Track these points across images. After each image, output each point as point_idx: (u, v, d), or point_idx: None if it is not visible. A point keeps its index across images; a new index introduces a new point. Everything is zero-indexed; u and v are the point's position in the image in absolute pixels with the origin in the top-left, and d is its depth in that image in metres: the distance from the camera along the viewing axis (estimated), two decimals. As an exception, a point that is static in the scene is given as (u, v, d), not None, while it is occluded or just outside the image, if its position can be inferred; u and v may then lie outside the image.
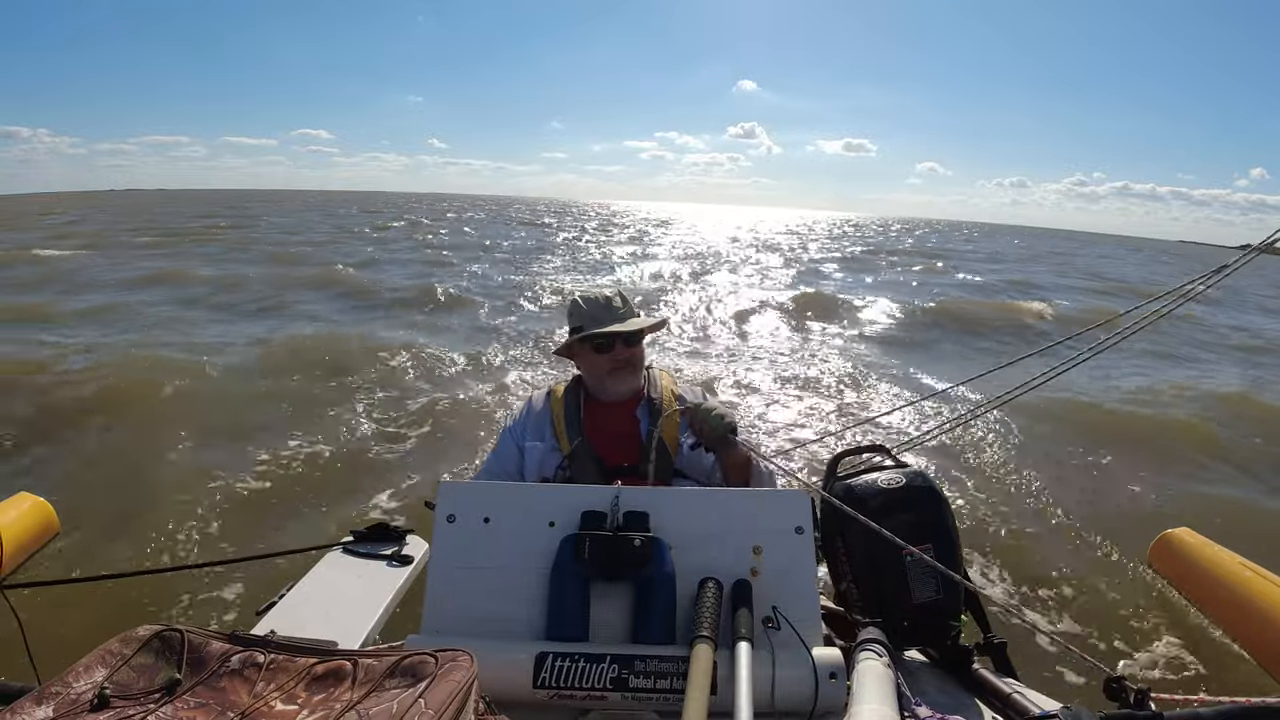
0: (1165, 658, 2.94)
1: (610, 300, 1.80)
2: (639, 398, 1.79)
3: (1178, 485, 4.98)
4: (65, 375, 6.59)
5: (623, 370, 1.76)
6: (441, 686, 0.74)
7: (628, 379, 1.77)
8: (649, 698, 1.02)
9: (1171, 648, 3.00)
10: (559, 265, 18.70)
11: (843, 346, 9.55)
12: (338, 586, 1.64)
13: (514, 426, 1.82)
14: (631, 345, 1.77)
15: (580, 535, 1.15)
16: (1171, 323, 11.92)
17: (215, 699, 0.77)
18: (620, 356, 1.75)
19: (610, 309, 1.78)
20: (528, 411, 1.84)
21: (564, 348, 1.85)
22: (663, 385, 1.82)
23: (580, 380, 1.86)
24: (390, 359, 7.60)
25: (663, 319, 1.91)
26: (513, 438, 1.81)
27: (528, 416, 1.82)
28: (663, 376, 1.87)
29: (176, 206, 55.16)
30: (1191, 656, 2.94)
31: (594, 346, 1.77)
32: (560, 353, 1.88)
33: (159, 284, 12.67)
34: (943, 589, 1.37)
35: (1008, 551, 3.78)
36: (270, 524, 3.92)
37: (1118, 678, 1.05)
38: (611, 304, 1.79)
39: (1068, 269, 26.68)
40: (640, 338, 1.80)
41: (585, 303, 1.80)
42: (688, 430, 1.75)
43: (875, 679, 1.01)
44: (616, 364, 1.76)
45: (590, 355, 1.78)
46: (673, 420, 1.74)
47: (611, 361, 1.75)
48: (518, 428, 1.82)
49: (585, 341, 1.77)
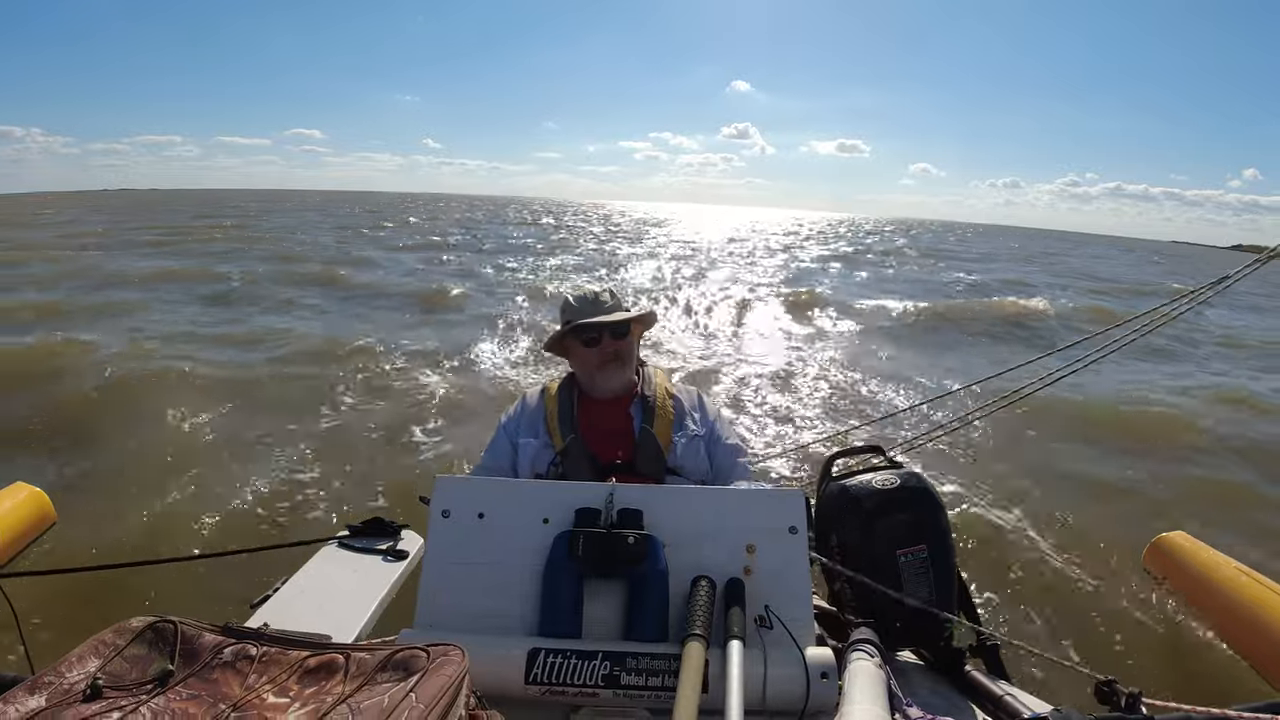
0: (1157, 661, 2.94)
1: (599, 295, 1.81)
2: (633, 395, 1.80)
3: (1173, 487, 4.99)
4: (66, 369, 6.60)
5: (611, 364, 1.77)
6: (433, 681, 0.74)
7: (616, 373, 1.78)
8: (640, 695, 1.02)
9: (1164, 651, 3.00)
10: (564, 264, 18.69)
11: (840, 346, 9.53)
12: (332, 580, 1.65)
13: (509, 423, 1.83)
14: (619, 338, 1.77)
15: (574, 532, 1.15)
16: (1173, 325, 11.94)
17: (207, 690, 0.77)
18: (608, 349, 1.76)
19: (598, 304, 1.79)
20: (522, 408, 1.84)
21: (553, 343, 1.86)
22: (657, 383, 1.83)
23: (574, 377, 1.86)
24: (391, 355, 7.61)
25: (650, 311, 1.91)
26: (507, 434, 1.81)
27: (522, 413, 1.83)
28: (657, 375, 1.87)
29: (176, 206, 55.26)
30: (1184, 660, 2.94)
31: (583, 341, 1.77)
32: (550, 348, 1.88)
33: (169, 281, 12.66)
34: (936, 590, 1.37)
35: (1001, 553, 3.79)
36: (266, 517, 3.93)
37: (1109, 681, 1.05)
38: (599, 299, 1.80)
39: (1061, 269, 26.62)
40: (627, 329, 1.80)
41: (575, 299, 1.82)
42: (681, 428, 1.76)
43: (867, 679, 1.01)
44: (605, 357, 1.76)
45: (580, 350, 1.79)
46: (666, 418, 1.74)
47: (600, 355, 1.76)
48: (512, 424, 1.82)
49: (574, 335, 1.78)
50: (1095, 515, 4.34)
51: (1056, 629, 3.14)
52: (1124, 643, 3.07)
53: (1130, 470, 5.28)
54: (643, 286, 14.72)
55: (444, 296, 11.98)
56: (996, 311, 12.87)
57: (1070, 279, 21.86)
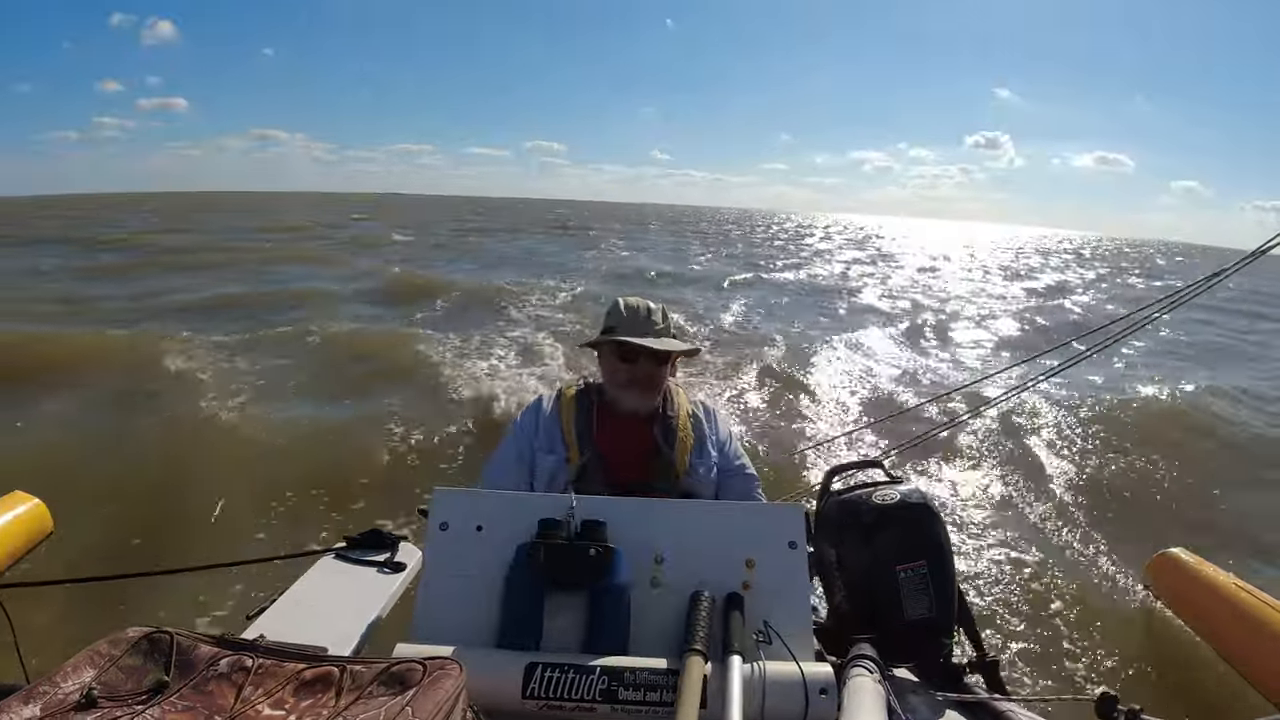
0: (1157, 677, 2.93)
1: (651, 312, 1.75)
2: (655, 415, 1.75)
3: (1176, 498, 4.98)
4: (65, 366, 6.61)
5: (638, 386, 1.71)
6: (429, 695, 0.74)
7: (640, 397, 1.72)
8: (638, 710, 1.01)
9: (1164, 667, 2.99)
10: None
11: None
12: (329, 592, 1.64)
13: (520, 433, 1.77)
14: (658, 364, 1.72)
15: (535, 543, 1.14)
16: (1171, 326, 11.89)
17: (202, 702, 0.76)
18: (641, 372, 1.71)
19: (647, 321, 1.73)
20: (537, 417, 1.77)
21: (593, 342, 1.80)
22: (679, 403, 1.79)
23: (593, 387, 1.81)
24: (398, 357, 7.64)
25: (695, 347, 1.84)
26: (518, 444, 1.75)
27: (537, 423, 1.76)
28: (679, 394, 1.82)
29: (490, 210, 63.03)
30: (1184, 676, 2.93)
31: (620, 354, 1.73)
32: (587, 345, 1.84)
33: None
34: (935, 606, 1.37)
35: (1002, 568, 3.78)
36: (264, 528, 3.92)
37: (1109, 697, 1.04)
38: (650, 317, 1.74)
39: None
40: (667, 359, 1.74)
41: (625, 308, 1.76)
42: (701, 453, 1.73)
43: (866, 695, 1.00)
44: (635, 378, 1.71)
45: (613, 360, 1.75)
46: (685, 441, 1.72)
47: (630, 373, 1.71)
48: (525, 434, 1.76)
49: (613, 345, 1.74)
50: (1095, 528, 4.34)
51: (1056, 645, 3.13)
52: (1123, 658, 3.05)
53: (1132, 479, 5.27)
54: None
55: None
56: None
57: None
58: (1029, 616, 3.34)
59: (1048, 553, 3.99)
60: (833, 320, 12.47)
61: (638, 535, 1.19)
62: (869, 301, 15.13)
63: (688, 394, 1.86)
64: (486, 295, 12.36)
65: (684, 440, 1.72)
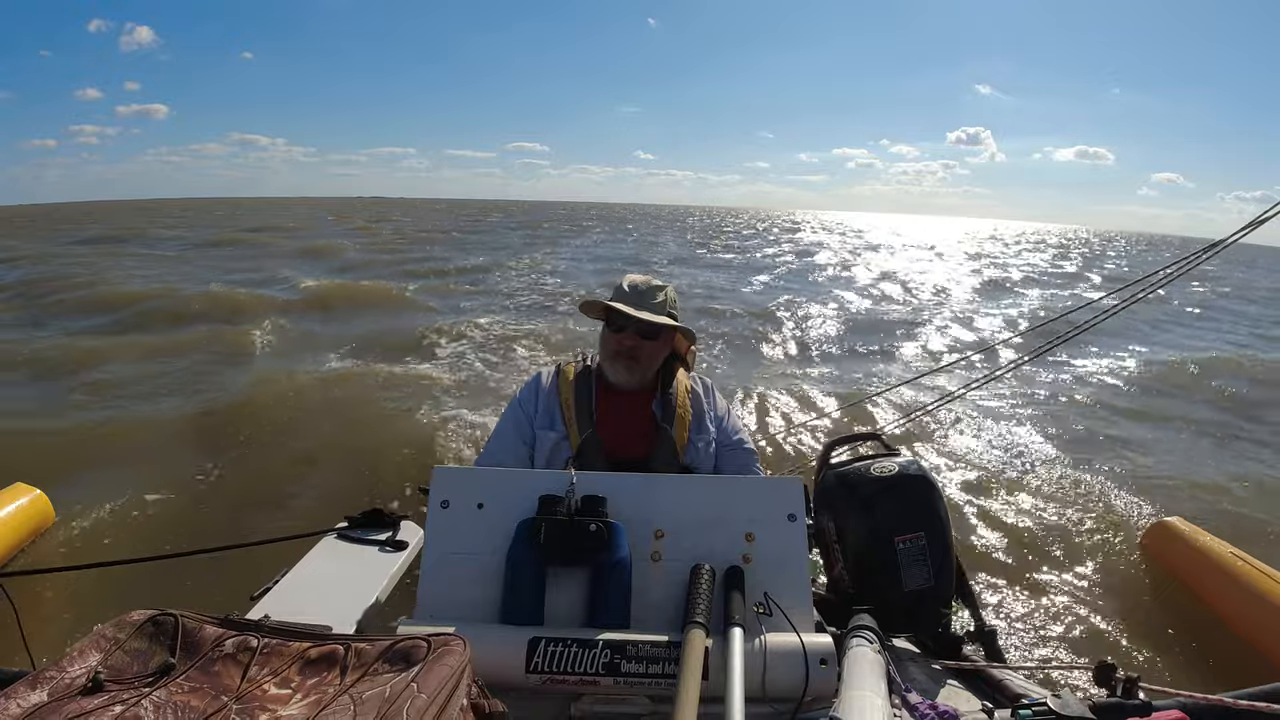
0: (1155, 646, 2.96)
1: (651, 290, 1.75)
2: (654, 392, 1.76)
3: (1171, 468, 5.01)
4: (57, 360, 6.58)
5: (624, 358, 1.71)
6: (434, 671, 0.74)
7: (626, 369, 1.72)
8: (641, 683, 1.02)
9: (1162, 635, 3.02)
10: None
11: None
12: (332, 572, 1.65)
13: (519, 409, 1.77)
14: (646, 338, 1.71)
15: (537, 519, 1.15)
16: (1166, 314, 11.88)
17: (209, 683, 0.77)
18: (626, 342, 1.70)
19: (644, 296, 1.73)
20: (536, 395, 1.78)
21: (589, 305, 1.80)
22: (678, 380, 1.79)
23: (592, 368, 1.81)
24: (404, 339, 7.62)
25: (687, 328, 1.82)
26: (517, 421, 1.76)
27: (536, 400, 1.77)
28: (678, 372, 1.82)
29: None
30: (1181, 644, 2.96)
31: (611, 324, 1.73)
32: (584, 309, 1.83)
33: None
34: (934, 576, 1.38)
35: (1000, 538, 3.81)
36: (266, 510, 3.92)
37: (1107, 665, 1.05)
38: (649, 293, 1.74)
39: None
40: (656, 334, 1.72)
41: (628, 285, 1.76)
42: (700, 430, 1.74)
43: (866, 665, 1.01)
44: (621, 347, 1.71)
45: (605, 330, 1.76)
46: (684, 419, 1.72)
47: (617, 342, 1.71)
48: (524, 411, 1.77)
49: (604, 312, 1.74)
50: (1093, 498, 4.37)
51: (1054, 614, 3.16)
52: (1122, 627, 3.09)
53: (1128, 450, 5.31)
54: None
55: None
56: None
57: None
58: (1027, 586, 3.37)
59: (1045, 522, 4.02)
60: (824, 294, 12.47)
61: (638, 510, 1.20)
62: (864, 283, 15.16)
63: (686, 373, 1.86)
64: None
65: (683, 416, 1.72)
